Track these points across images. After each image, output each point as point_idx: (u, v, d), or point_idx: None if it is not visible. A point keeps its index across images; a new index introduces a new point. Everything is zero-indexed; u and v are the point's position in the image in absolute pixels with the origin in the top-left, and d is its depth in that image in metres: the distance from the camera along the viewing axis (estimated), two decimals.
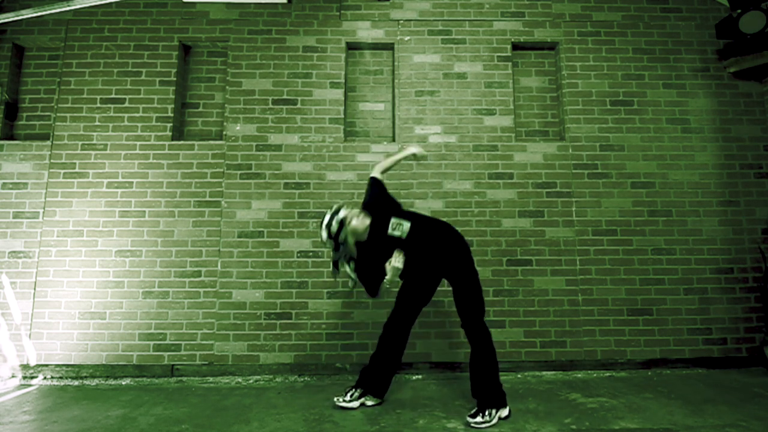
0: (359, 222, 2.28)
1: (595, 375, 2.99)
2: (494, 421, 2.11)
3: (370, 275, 2.30)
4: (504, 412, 2.18)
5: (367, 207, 2.39)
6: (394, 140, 3.34)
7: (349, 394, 2.38)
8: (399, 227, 2.29)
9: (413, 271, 2.35)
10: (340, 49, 3.36)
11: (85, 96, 3.25)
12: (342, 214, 2.24)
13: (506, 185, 3.25)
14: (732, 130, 3.36)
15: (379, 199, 2.41)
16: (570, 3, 3.45)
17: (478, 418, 2.09)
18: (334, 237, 2.23)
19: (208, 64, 3.44)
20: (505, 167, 3.27)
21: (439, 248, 2.30)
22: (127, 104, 3.26)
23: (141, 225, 3.14)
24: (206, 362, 3.01)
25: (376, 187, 2.45)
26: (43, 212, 3.13)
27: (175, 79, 3.28)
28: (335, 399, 2.38)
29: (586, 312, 3.13)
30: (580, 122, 3.32)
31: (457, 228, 3.15)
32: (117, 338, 3.02)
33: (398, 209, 2.41)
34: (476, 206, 3.22)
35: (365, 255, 2.32)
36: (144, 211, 3.15)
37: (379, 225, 2.31)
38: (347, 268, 2.31)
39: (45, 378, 2.98)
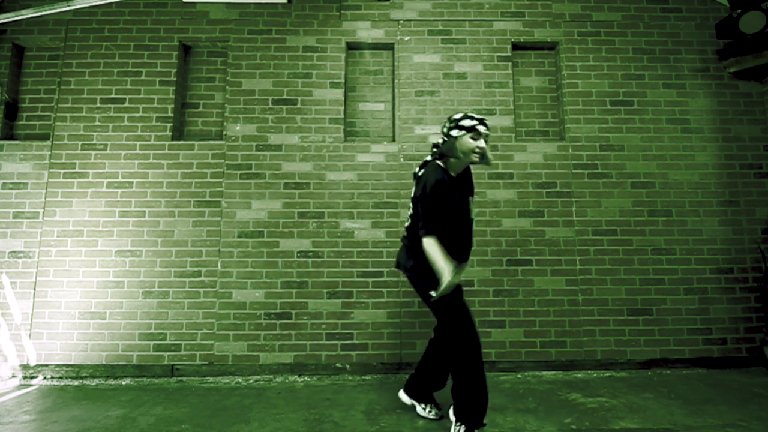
0: (475, 146, 1.98)
1: (595, 375, 2.99)
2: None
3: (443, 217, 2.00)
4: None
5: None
6: (394, 140, 3.34)
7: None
8: (473, 207, 2.03)
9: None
10: (340, 49, 3.35)
11: (85, 96, 3.25)
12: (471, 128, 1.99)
13: (506, 185, 3.25)
14: (732, 130, 3.36)
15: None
16: (570, 3, 3.45)
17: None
18: (446, 132, 2.04)
19: (208, 64, 3.44)
20: (505, 167, 3.27)
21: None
22: (127, 104, 3.26)
23: (141, 225, 3.14)
24: (206, 362, 3.01)
25: None
26: (43, 212, 3.13)
27: (175, 79, 3.28)
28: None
29: (586, 312, 3.13)
30: (580, 122, 3.32)
31: None
32: (117, 338, 3.02)
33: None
34: (476, 206, 3.21)
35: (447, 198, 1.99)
36: (144, 211, 3.15)
37: (466, 187, 2.11)
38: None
39: (45, 378, 2.98)
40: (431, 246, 1.93)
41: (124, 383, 2.88)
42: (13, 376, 2.98)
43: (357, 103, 3.43)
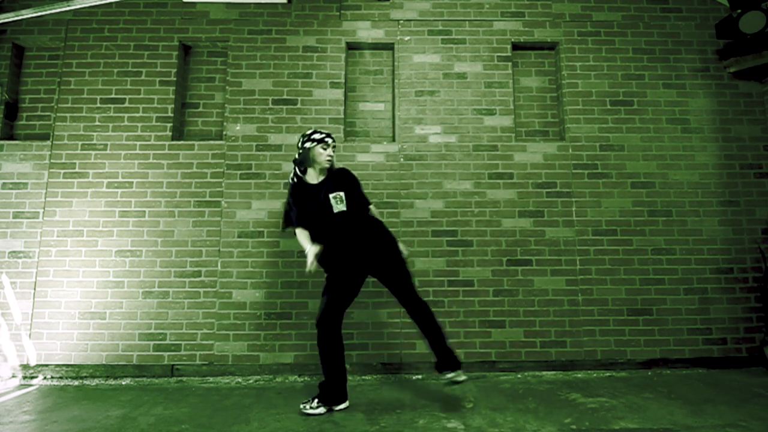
0: (325, 154, 2.41)
1: (595, 375, 2.99)
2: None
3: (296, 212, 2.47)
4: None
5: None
6: (394, 140, 3.34)
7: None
8: (339, 201, 2.41)
9: (340, 262, 2.40)
10: (340, 49, 3.35)
11: (85, 96, 3.25)
12: (318, 137, 2.42)
13: (506, 185, 3.25)
14: (732, 130, 3.36)
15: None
16: (570, 3, 3.45)
17: None
18: (300, 145, 2.44)
19: (208, 64, 3.44)
20: (505, 167, 3.27)
21: (367, 242, 2.42)
22: (127, 104, 3.26)
23: (141, 225, 3.14)
24: (206, 362, 3.01)
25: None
26: (43, 212, 3.13)
27: (175, 79, 3.28)
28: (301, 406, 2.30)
29: (586, 312, 3.13)
30: (580, 122, 3.32)
31: (457, 228, 3.20)
32: (117, 338, 3.02)
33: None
34: (476, 206, 3.22)
35: (299, 198, 2.46)
36: (144, 211, 3.15)
37: (327, 185, 2.44)
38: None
39: (45, 378, 2.98)
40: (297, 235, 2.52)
41: (124, 383, 2.88)
42: (13, 376, 2.98)
43: (357, 103, 3.43)
